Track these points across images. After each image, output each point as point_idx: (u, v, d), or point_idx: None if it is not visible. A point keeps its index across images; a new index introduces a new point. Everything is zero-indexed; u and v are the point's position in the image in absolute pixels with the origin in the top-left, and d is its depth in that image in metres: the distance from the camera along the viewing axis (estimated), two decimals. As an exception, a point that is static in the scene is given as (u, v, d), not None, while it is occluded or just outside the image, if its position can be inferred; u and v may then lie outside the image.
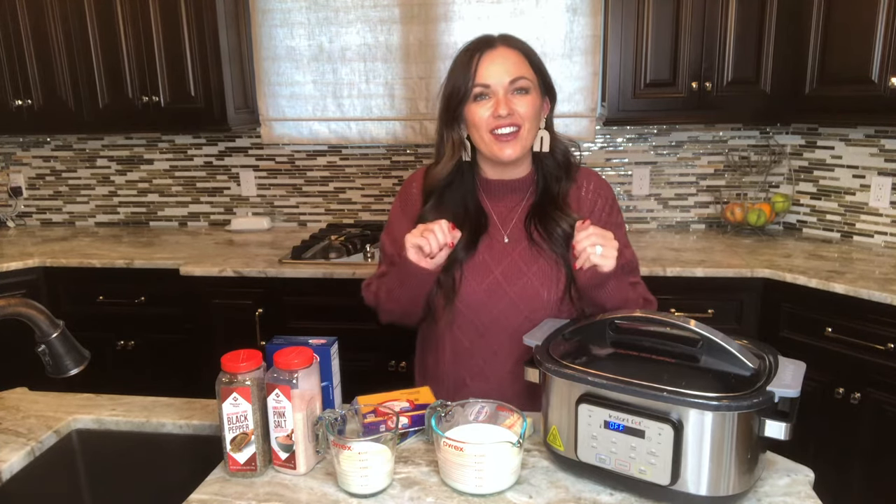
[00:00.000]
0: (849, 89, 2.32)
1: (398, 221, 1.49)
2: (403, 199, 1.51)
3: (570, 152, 1.46)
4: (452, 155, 1.40)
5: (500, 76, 1.32)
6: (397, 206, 1.52)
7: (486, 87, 1.32)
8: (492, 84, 1.32)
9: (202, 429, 1.29)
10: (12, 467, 1.19)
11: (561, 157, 1.44)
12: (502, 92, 1.32)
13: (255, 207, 3.24)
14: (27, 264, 2.67)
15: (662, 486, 0.98)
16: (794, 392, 0.96)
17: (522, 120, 1.33)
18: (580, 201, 1.43)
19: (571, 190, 1.43)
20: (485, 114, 1.33)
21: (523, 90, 1.33)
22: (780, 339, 2.28)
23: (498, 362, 1.41)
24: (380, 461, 1.03)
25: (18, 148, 3.35)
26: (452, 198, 1.42)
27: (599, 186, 1.46)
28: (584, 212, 1.41)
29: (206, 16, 2.71)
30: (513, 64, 1.33)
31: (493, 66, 1.32)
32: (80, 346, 1.15)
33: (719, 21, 2.47)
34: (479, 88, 1.33)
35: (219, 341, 2.53)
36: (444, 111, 1.39)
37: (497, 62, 1.32)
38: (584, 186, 1.45)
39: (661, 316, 1.14)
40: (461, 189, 1.43)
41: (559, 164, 1.44)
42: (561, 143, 1.45)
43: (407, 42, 2.91)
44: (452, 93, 1.35)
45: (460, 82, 1.34)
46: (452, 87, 1.36)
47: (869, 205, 2.64)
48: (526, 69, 1.34)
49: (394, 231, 1.48)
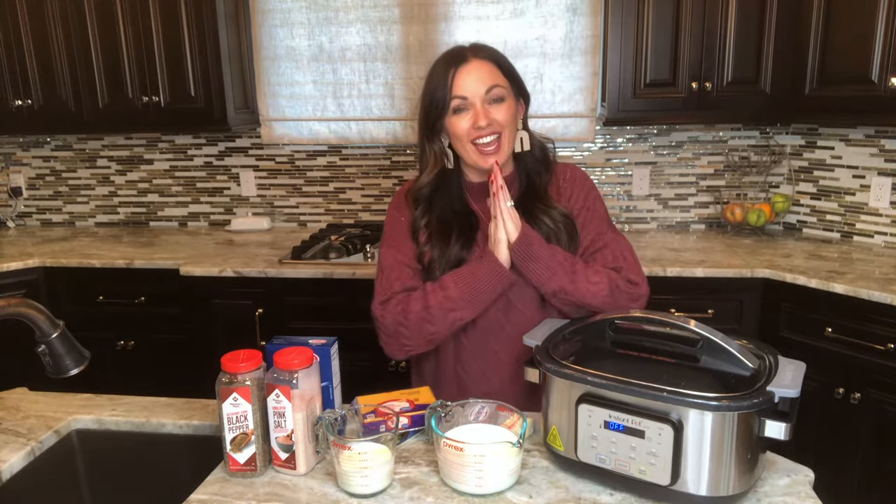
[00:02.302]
0: (849, 89, 2.32)
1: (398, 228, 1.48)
2: (397, 208, 1.51)
3: (546, 147, 1.51)
4: (435, 164, 1.45)
5: (476, 87, 1.36)
6: (393, 214, 1.51)
7: (464, 99, 1.37)
8: (469, 96, 1.37)
9: (202, 429, 1.29)
10: (12, 467, 1.19)
11: (539, 152, 1.50)
12: (479, 103, 1.36)
13: (255, 207, 3.24)
14: (27, 264, 2.67)
15: (662, 487, 0.98)
16: (794, 392, 0.96)
17: (502, 127, 1.38)
18: (559, 191, 1.48)
19: (551, 183, 1.48)
20: (465, 125, 1.37)
21: (499, 98, 1.38)
22: (780, 339, 2.28)
23: (498, 362, 1.42)
24: (380, 461, 1.03)
25: (18, 148, 3.35)
26: (440, 203, 1.46)
27: (574, 176, 1.51)
28: (562, 201, 1.46)
29: (206, 16, 2.71)
30: (486, 73, 1.38)
31: (468, 78, 1.37)
32: (80, 346, 1.15)
33: (719, 21, 2.47)
34: (458, 101, 1.37)
35: (219, 341, 2.53)
36: (424, 123, 1.43)
37: (472, 74, 1.37)
38: (562, 177, 1.50)
39: (660, 316, 1.14)
40: (448, 194, 1.47)
41: (538, 159, 1.49)
42: (537, 139, 1.50)
43: (407, 42, 2.91)
44: (431, 105, 1.40)
45: (438, 95, 1.39)
46: (431, 100, 1.40)
47: (869, 205, 2.64)
48: (499, 77, 1.39)
49: (397, 240, 1.47)
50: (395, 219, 1.49)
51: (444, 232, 1.42)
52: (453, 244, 1.41)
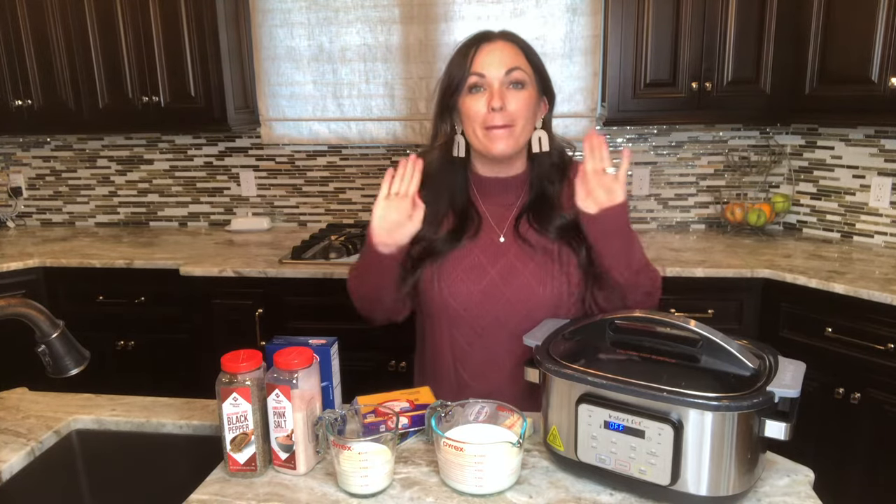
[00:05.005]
0: (849, 89, 2.32)
1: None
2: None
3: (565, 153, 1.46)
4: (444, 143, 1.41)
5: (496, 67, 1.31)
6: None
7: (482, 77, 1.31)
8: (487, 74, 1.31)
9: (202, 429, 1.29)
10: (12, 467, 1.19)
11: (557, 158, 1.43)
12: (497, 84, 1.31)
13: (255, 207, 3.24)
14: (27, 264, 2.67)
15: (662, 487, 0.98)
16: (794, 392, 0.96)
17: (515, 118, 1.32)
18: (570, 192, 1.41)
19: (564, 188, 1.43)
20: (479, 107, 1.32)
21: (519, 83, 1.32)
22: (780, 339, 2.28)
23: (498, 363, 1.41)
24: (380, 461, 1.03)
25: (18, 148, 3.35)
26: (443, 192, 1.42)
27: None
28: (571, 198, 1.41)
29: (206, 16, 2.71)
30: (509, 55, 1.32)
31: (489, 57, 1.32)
32: (80, 346, 1.15)
33: (719, 21, 2.47)
34: (475, 78, 1.32)
35: (219, 341, 2.53)
36: (440, 102, 1.39)
37: (494, 53, 1.32)
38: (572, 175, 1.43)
39: (660, 316, 1.14)
40: (452, 184, 1.43)
41: (554, 164, 1.43)
42: (558, 143, 1.44)
43: (407, 42, 2.91)
44: (449, 83, 1.35)
45: (456, 73, 1.34)
46: (449, 78, 1.36)
47: (869, 205, 2.64)
48: (523, 62, 1.34)
49: None
50: None
51: (435, 220, 1.40)
52: (440, 235, 1.39)
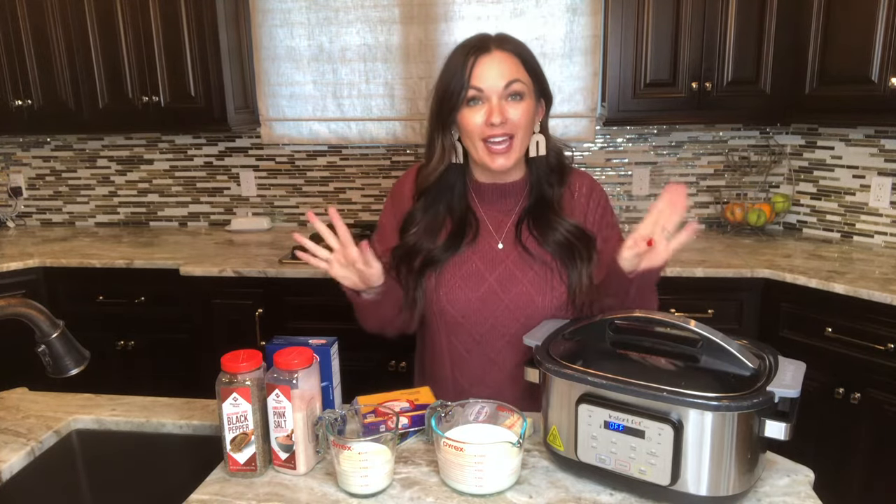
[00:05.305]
0: (849, 89, 2.32)
1: (388, 222, 1.48)
2: (394, 199, 1.49)
3: (563, 155, 1.45)
4: (442, 158, 1.38)
5: (495, 80, 1.29)
6: (388, 206, 1.50)
7: (480, 91, 1.30)
8: (485, 88, 1.29)
9: (202, 429, 1.29)
10: (12, 467, 1.19)
11: (554, 160, 1.42)
12: (496, 98, 1.29)
13: (255, 207, 3.24)
14: (27, 264, 2.67)
15: (662, 487, 0.98)
16: (794, 392, 0.96)
17: (516, 128, 1.31)
18: (573, 204, 1.42)
19: (564, 193, 1.42)
20: (478, 120, 1.31)
21: (518, 95, 1.31)
22: (780, 339, 2.28)
23: (496, 369, 1.40)
24: (380, 461, 1.03)
25: (18, 148, 3.35)
26: (441, 199, 1.42)
27: (592, 189, 1.44)
28: (576, 215, 1.40)
29: (206, 16, 2.71)
30: (508, 67, 1.30)
31: (487, 70, 1.29)
32: (80, 346, 1.15)
33: (719, 21, 2.47)
34: (473, 92, 1.30)
35: (219, 341, 2.53)
36: (437, 114, 1.36)
37: (492, 66, 1.30)
38: (577, 189, 1.43)
39: (660, 316, 1.14)
40: (450, 191, 1.42)
41: (552, 167, 1.42)
42: (555, 145, 1.43)
43: (407, 42, 2.91)
44: (445, 95, 1.33)
45: (454, 85, 1.31)
46: (445, 88, 1.33)
47: (869, 205, 2.64)
48: (521, 73, 1.32)
49: (385, 233, 1.47)
50: (389, 212, 1.48)
51: (434, 229, 1.40)
52: (439, 243, 1.39)
